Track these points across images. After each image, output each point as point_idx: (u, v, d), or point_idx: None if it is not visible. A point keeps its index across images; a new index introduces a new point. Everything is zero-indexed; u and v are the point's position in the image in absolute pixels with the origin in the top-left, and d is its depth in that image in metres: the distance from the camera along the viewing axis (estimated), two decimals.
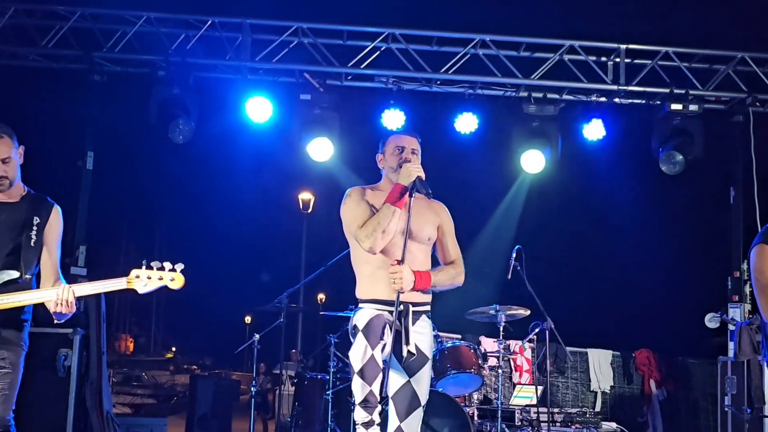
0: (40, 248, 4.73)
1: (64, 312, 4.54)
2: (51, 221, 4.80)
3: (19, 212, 4.72)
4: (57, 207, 4.88)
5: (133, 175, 19.70)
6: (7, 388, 4.54)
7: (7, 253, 4.63)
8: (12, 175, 4.67)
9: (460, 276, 4.81)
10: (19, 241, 4.64)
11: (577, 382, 12.24)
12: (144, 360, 33.24)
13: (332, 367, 8.16)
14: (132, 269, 4.61)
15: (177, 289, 4.61)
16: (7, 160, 4.61)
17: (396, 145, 4.84)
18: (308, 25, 9.25)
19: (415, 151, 4.83)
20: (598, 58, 9.52)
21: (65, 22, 9.04)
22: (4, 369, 4.54)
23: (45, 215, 4.77)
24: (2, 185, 4.66)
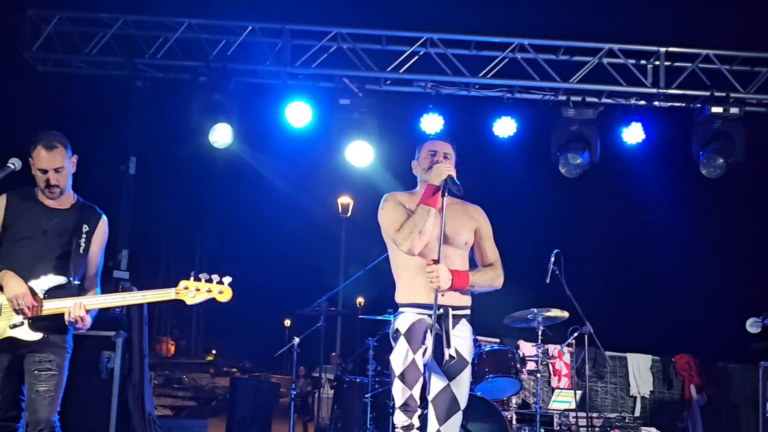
0: (88, 255, 4.84)
1: (78, 326, 4.65)
2: (98, 230, 4.92)
3: (69, 219, 4.83)
4: (104, 217, 5.00)
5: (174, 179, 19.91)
6: (53, 390, 4.63)
7: (56, 257, 4.74)
8: (63, 183, 4.79)
9: (499, 278, 4.82)
10: (69, 247, 4.76)
11: (617, 387, 12.16)
12: (185, 363, 33.47)
13: (371, 370, 8.18)
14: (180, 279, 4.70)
15: (224, 302, 4.71)
16: (60, 170, 4.73)
17: (429, 150, 4.89)
18: (347, 30, 9.30)
19: (447, 155, 4.86)
20: (637, 61, 9.47)
21: (108, 30, 9.19)
22: (50, 371, 4.63)
23: (94, 224, 4.89)
24: (53, 193, 4.78)
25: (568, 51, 9.47)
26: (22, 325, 4.55)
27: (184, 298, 4.65)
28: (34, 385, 4.60)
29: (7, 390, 4.66)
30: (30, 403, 4.61)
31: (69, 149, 4.80)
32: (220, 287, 4.67)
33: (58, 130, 4.87)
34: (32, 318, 4.55)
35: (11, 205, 4.79)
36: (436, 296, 4.45)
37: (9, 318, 4.55)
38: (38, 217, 4.79)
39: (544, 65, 9.38)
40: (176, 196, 26.93)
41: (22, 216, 4.77)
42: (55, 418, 4.64)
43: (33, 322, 4.56)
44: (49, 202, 4.84)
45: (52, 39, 9.27)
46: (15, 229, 4.75)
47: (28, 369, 4.63)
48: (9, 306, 4.53)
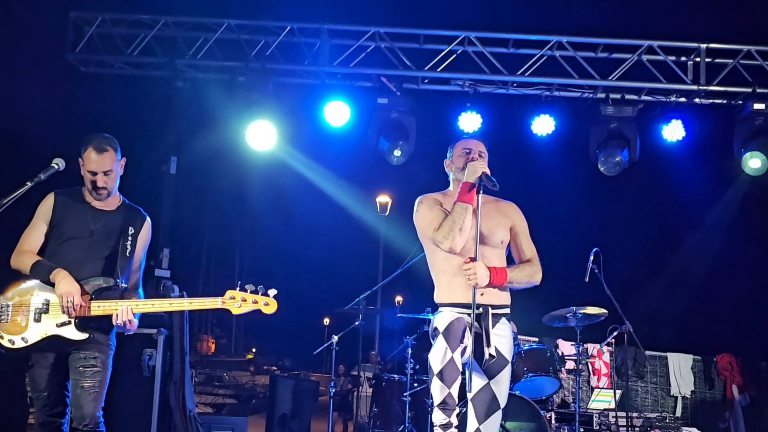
0: (134, 258, 4.92)
1: (127, 327, 4.72)
2: (143, 232, 5.00)
3: (115, 221, 4.91)
4: (148, 219, 5.08)
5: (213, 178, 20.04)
6: (98, 386, 4.71)
7: (103, 258, 4.81)
8: (111, 186, 4.87)
9: (537, 274, 4.81)
10: (116, 248, 4.83)
11: (657, 387, 12.06)
12: (225, 361, 33.67)
13: (410, 369, 8.19)
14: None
15: (269, 314, 4.77)
16: (109, 173, 4.81)
17: (463, 148, 4.90)
18: (385, 29, 9.32)
19: (481, 153, 4.87)
20: (677, 58, 9.38)
21: (149, 31, 9.30)
22: (95, 368, 4.71)
23: (139, 226, 4.97)
24: (101, 195, 4.86)
25: (606, 48, 9.40)
26: (69, 324, 4.63)
27: (230, 308, 4.72)
28: (79, 381, 4.68)
29: (53, 386, 4.75)
30: (75, 399, 4.69)
31: (118, 152, 4.88)
32: (265, 299, 4.73)
33: (99, 131, 4.95)
34: (79, 318, 4.63)
35: (59, 204, 4.87)
36: (475, 294, 4.46)
37: (56, 316, 4.63)
38: (85, 217, 4.86)
39: (583, 63, 9.33)
40: (216, 195, 27.09)
41: (69, 216, 4.85)
42: (99, 413, 4.72)
43: (79, 322, 4.64)
44: (96, 203, 4.92)
45: (94, 40, 9.40)
46: (62, 229, 4.83)
47: (73, 365, 4.71)
48: (57, 304, 4.61)
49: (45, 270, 4.65)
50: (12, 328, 4.62)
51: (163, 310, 5.00)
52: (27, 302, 4.65)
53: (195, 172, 11.13)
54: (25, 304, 4.65)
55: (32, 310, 4.64)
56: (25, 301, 4.66)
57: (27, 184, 4.39)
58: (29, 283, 4.71)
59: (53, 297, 4.63)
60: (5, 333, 4.62)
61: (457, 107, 9.44)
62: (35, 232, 4.85)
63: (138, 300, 4.86)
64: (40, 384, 4.74)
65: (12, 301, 4.66)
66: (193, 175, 11.24)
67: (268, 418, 9.47)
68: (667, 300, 14.90)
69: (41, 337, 4.63)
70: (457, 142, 5.00)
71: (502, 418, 4.69)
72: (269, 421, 9.42)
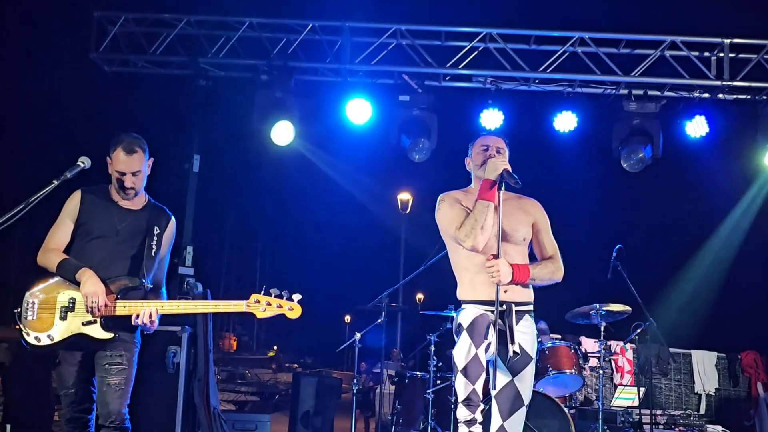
0: (159, 258, 4.95)
1: (148, 326, 4.75)
2: (167, 232, 5.03)
3: (141, 220, 4.94)
4: (173, 219, 5.11)
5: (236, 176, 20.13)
6: (123, 383, 4.75)
7: (128, 258, 4.85)
8: (138, 186, 4.90)
9: (559, 271, 4.80)
10: (141, 248, 4.86)
11: (681, 384, 12.00)
12: (247, 358, 33.73)
13: (432, 366, 8.19)
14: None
15: (293, 319, 4.80)
16: (137, 173, 4.84)
17: (481, 145, 4.90)
18: (406, 26, 9.33)
19: (500, 149, 4.86)
20: (700, 53, 9.31)
21: (172, 30, 9.35)
22: (120, 365, 4.75)
23: (164, 226, 5.00)
24: (128, 195, 4.89)
25: (629, 44, 9.36)
26: (94, 323, 4.66)
27: (255, 312, 4.74)
28: (105, 379, 4.71)
29: (80, 383, 4.79)
30: (101, 396, 4.73)
31: (147, 153, 4.90)
32: (290, 304, 4.75)
33: (123, 129, 4.98)
34: (104, 317, 4.67)
35: (85, 202, 4.90)
36: (498, 291, 4.46)
37: (82, 315, 4.66)
38: (111, 216, 4.89)
39: (605, 59, 9.29)
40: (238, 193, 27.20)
41: (95, 214, 4.88)
42: (125, 410, 4.75)
43: (105, 321, 4.67)
44: (122, 202, 4.94)
45: (117, 40, 9.47)
46: (88, 228, 4.86)
47: (99, 363, 4.75)
48: (83, 303, 4.64)
49: (71, 269, 4.68)
50: (38, 326, 4.65)
51: (188, 311, 5.02)
52: (53, 300, 4.68)
53: (218, 170, 11.19)
54: (51, 301, 4.67)
55: (58, 308, 4.67)
56: (51, 299, 4.68)
57: (53, 182, 4.40)
58: (55, 280, 4.74)
59: (79, 295, 4.66)
60: (31, 330, 4.65)
61: (478, 104, 9.42)
62: (62, 229, 4.88)
63: (163, 301, 4.88)
64: (67, 381, 4.78)
65: (38, 299, 4.68)
66: (216, 173, 11.29)
67: (292, 415, 9.50)
68: (691, 297, 14.80)
69: (67, 335, 4.66)
70: (476, 140, 4.99)
71: (526, 416, 4.68)
72: (292, 418, 9.44)
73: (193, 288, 8.39)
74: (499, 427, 4.53)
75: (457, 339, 4.62)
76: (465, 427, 4.48)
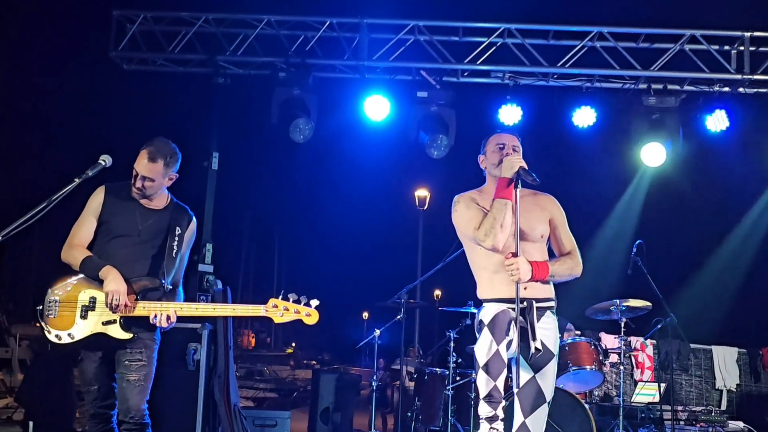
0: (180, 258, 4.97)
1: (163, 326, 4.78)
2: (188, 233, 5.05)
3: (162, 220, 4.96)
4: (194, 219, 5.14)
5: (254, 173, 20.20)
6: (143, 380, 4.78)
7: (149, 257, 4.87)
8: (149, 192, 4.92)
9: (578, 267, 4.79)
10: (163, 248, 4.89)
11: (702, 380, 11.93)
12: (265, 355, 33.84)
13: (452, 362, 8.18)
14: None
15: (310, 325, 4.83)
16: (150, 180, 4.85)
17: (496, 143, 4.87)
18: (424, 22, 9.31)
19: (515, 147, 4.84)
20: (720, 47, 9.25)
21: (190, 28, 9.38)
22: (140, 362, 4.78)
23: (185, 226, 5.02)
24: (137, 194, 4.91)
25: (648, 38, 9.31)
26: (114, 323, 4.69)
27: (273, 317, 4.77)
28: (125, 375, 4.75)
29: (102, 379, 4.83)
30: (121, 392, 4.77)
31: (173, 167, 4.93)
32: (308, 310, 4.78)
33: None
34: (123, 317, 4.69)
35: (108, 200, 4.92)
36: (518, 289, 4.44)
37: (102, 314, 4.68)
38: (134, 216, 4.91)
39: (624, 53, 9.24)
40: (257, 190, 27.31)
41: (118, 213, 4.90)
42: (144, 406, 4.79)
43: (124, 322, 4.69)
44: (144, 201, 4.97)
45: (136, 38, 9.50)
46: (110, 226, 4.88)
47: (119, 360, 4.78)
48: (103, 302, 4.66)
49: (94, 266, 4.71)
50: (59, 324, 4.68)
51: (206, 314, 5.06)
52: (74, 298, 4.71)
53: (236, 167, 11.22)
54: (73, 300, 4.71)
55: (79, 307, 4.70)
56: (73, 297, 4.71)
57: (75, 180, 4.42)
58: (77, 278, 4.77)
59: (100, 294, 4.68)
60: (53, 328, 4.68)
61: (497, 100, 9.39)
62: (85, 226, 4.91)
63: (182, 303, 4.90)
64: (90, 378, 4.82)
65: (60, 297, 4.72)
66: (235, 170, 11.32)
67: (311, 411, 9.52)
68: (711, 292, 14.72)
69: (87, 333, 4.69)
70: (489, 138, 4.97)
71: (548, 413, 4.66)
72: (312, 414, 9.47)
73: (213, 285, 8.42)
74: (521, 424, 4.52)
75: (478, 336, 4.61)
76: (486, 423, 4.48)
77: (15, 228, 4.08)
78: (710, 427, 8.86)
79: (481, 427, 4.50)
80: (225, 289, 8.46)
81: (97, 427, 4.85)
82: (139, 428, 4.77)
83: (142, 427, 4.79)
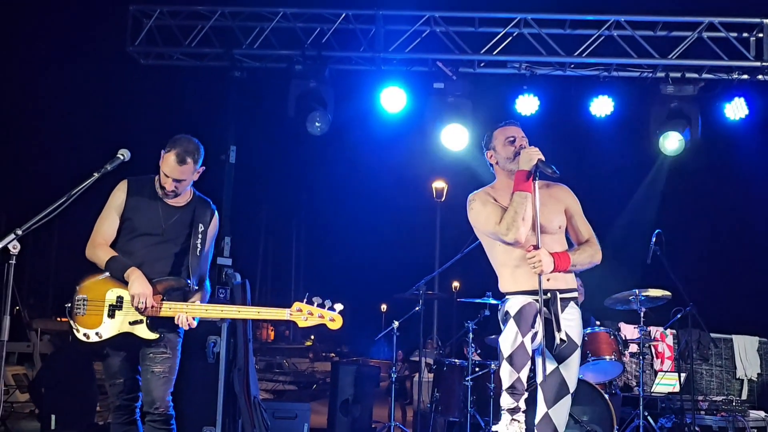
0: (204, 255, 4.99)
1: (185, 328, 4.82)
2: (211, 228, 5.08)
3: (186, 217, 4.99)
4: (216, 214, 5.16)
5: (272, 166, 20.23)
6: (168, 371, 4.83)
7: (173, 255, 4.90)
8: (180, 192, 4.95)
9: (598, 254, 4.78)
10: (186, 246, 4.92)
11: (722, 370, 11.86)
12: (284, 348, 33.98)
13: (470, 353, 8.18)
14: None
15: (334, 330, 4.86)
16: (182, 181, 4.87)
17: (506, 137, 4.86)
18: (440, 13, 9.28)
19: (524, 138, 4.83)
20: (739, 34, 9.17)
21: (207, 22, 9.38)
22: (165, 354, 4.83)
23: (208, 221, 5.05)
24: (167, 195, 4.93)
25: (666, 26, 9.23)
26: (141, 323, 4.73)
27: (297, 320, 4.80)
28: (150, 367, 4.80)
29: (127, 373, 4.88)
30: (146, 384, 4.82)
31: (200, 162, 4.94)
32: (332, 315, 4.82)
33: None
34: (150, 317, 4.72)
35: (131, 197, 4.94)
36: (540, 281, 4.43)
37: (129, 313, 4.73)
38: (157, 213, 4.93)
39: (642, 42, 9.17)
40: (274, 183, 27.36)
41: (140, 210, 4.92)
42: (169, 398, 4.85)
43: (150, 322, 4.74)
44: (167, 199, 4.98)
45: (153, 33, 9.51)
46: (134, 224, 4.90)
47: (144, 352, 4.84)
48: (129, 302, 4.70)
49: (120, 267, 4.74)
50: (87, 322, 4.74)
51: (230, 316, 5.10)
52: (102, 297, 4.76)
53: (254, 160, 11.24)
54: (100, 299, 4.76)
55: (107, 306, 4.75)
56: (101, 296, 4.77)
57: (94, 175, 4.44)
58: (105, 276, 4.81)
59: (127, 294, 4.72)
60: (81, 326, 4.73)
61: (513, 90, 9.36)
62: (108, 222, 4.93)
63: (208, 306, 4.94)
64: (115, 372, 4.87)
65: (88, 295, 4.77)
66: (252, 163, 11.34)
67: (331, 403, 9.54)
68: (731, 281, 14.65)
69: (114, 333, 4.75)
70: (493, 132, 4.96)
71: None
72: (331, 406, 9.49)
73: (232, 278, 8.44)
74: (544, 414, 4.52)
75: (503, 327, 4.61)
76: (508, 414, 4.48)
77: (35, 223, 4.11)
78: (731, 416, 8.82)
79: (503, 418, 4.50)
80: (244, 282, 8.47)
81: (121, 419, 4.91)
82: (163, 419, 4.82)
83: (166, 418, 4.84)
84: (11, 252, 3.95)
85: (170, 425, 4.87)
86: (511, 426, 4.46)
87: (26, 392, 12.87)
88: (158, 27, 9.51)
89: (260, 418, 7.84)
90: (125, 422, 4.90)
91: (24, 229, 4.05)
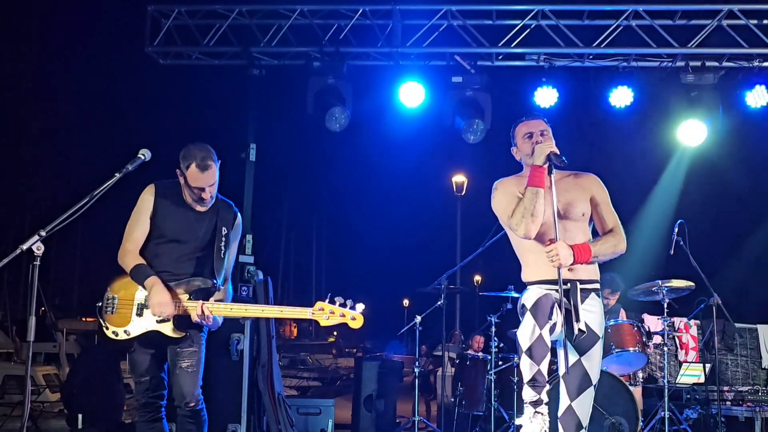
0: (227, 258, 5.03)
1: (204, 324, 4.86)
2: (234, 230, 5.13)
3: (210, 221, 5.03)
4: (239, 216, 5.20)
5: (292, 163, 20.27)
6: (195, 365, 4.90)
7: (199, 258, 4.95)
8: (214, 193, 4.98)
9: (622, 243, 4.75)
10: (211, 249, 4.96)
11: (747, 360, 11.78)
12: (308, 344, 34.07)
13: (493, 347, 8.18)
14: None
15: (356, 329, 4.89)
16: (213, 184, 4.91)
17: (524, 133, 4.86)
18: (457, 7, 9.26)
19: (544, 132, 4.82)
20: (759, 21, 9.07)
21: (224, 20, 9.42)
22: (191, 348, 4.91)
23: (231, 225, 5.10)
24: (205, 203, 4.97)
25: (685, 15, 9.16)
26: (168, 321, 4.81)
27: (319, 319, 4.83)
28: (178, 363, 4.87)
29: (153, 370, 4.95)
30: (174, 380, 4.88)
31: (217, 161, 4.96)
32: (353, 314, 4.85)
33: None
34: (176, 317, 4.80)
35: (159, 200, 4.98)
36: (560, 272, 4.43)
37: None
38: (186, 220, 4.98)
39: (661, 31, 9.12)
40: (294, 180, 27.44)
41: (169, 217, 4.96)
42: (198, 391, 4.91)
43: (177, 321, 4.81)
44: (194, 205, 5.02)
45: (171, 33, 9.56)
46: (162, 231, 4.95)
47: (171, 350, 4.91)
48: None
49: (142, 276, 4.80)
50: (117, 320, 4.82)
51: (255, 315, 5.13)
52: (131, 296, 4.85)
53: (274, 158, 11.26)
54: (130, 298, 4.85)
55: (135, 305, 4.84)
56: (130, 295, 4.85)
57: (115, 175, 4.47)
58: None
59: None
60: (111, 325, 4.82)
61: (532, 82, 9.33)
62: (139, 228, 4.97)
63: (233, 305, 4.98)
64: (142, 369, 4.93)
65: (118, 294, 4.86)
66: (272, 161, 11.37)
67: (355, 399, 9.56)
68: (755, 271, 14.54)
69: (143, 331, 4.83)
70: (515, 128, 4.95)
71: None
72: (356, 401, 9.51)
73: (254, 276, 8.49)
74: (567, 407, 4.52)
75: (521, 320, 4.60)
76: (531, 407, 4.46)
77: (58, 224, 4.15)
78: (757, 406, 8.75)
79: (525, 412, 4.49)
80: (266, 280, 8.52)
81: (147, 417, 4.96)
82: (195, 413, 4.88)
83: (198, 412, 4.90)
84: (35, 253, 4.00)
85: (202, 418, 4.95)
86: (535, 419, 4.45)
87: (57, 392, 12.99)
88: (176, 27, 9.56)
89: (285, 414, 7.88)
90: (151, 419, 4.95)
91: (48, 230, 4.09)
